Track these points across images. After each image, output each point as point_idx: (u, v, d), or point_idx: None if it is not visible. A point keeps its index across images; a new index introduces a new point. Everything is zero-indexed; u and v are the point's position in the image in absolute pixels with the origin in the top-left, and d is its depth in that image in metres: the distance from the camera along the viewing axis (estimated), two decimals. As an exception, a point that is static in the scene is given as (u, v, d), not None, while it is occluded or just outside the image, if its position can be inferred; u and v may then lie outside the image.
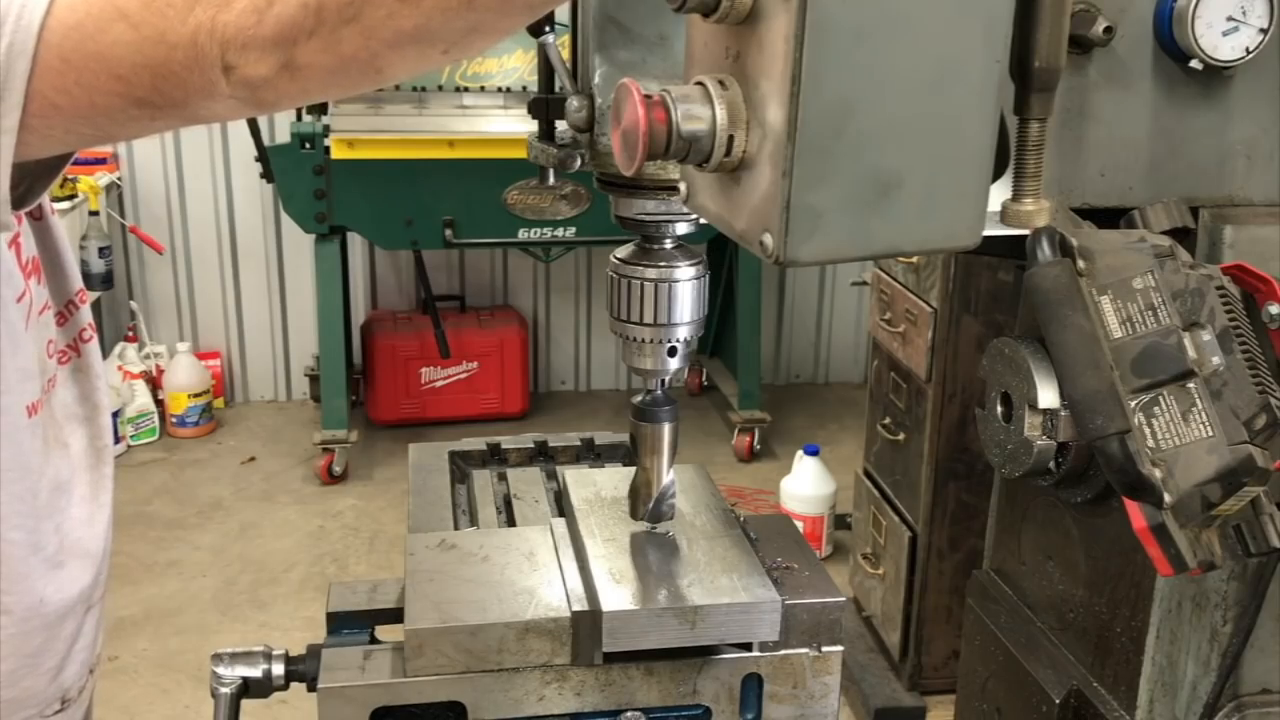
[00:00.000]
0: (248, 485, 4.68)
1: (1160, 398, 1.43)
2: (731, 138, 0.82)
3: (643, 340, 1.22)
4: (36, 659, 1.21)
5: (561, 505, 1.48)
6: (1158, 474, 1.41)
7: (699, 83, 0.84)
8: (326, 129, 4.26)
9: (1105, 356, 1.43)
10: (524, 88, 4.66)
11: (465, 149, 4.26)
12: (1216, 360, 1.46)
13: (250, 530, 4.32)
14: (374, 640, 1.28)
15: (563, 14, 1.09)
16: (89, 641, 1.29)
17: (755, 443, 4.94)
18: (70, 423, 1.27)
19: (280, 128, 4.96)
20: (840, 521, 4.08)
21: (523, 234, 4.49)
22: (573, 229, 4.50)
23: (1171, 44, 1.73)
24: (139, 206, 5.18)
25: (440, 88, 4.65)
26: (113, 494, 1.32)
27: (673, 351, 1.22)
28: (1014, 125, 0.90)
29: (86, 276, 4.68)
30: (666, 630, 1.18)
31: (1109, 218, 1.75)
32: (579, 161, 1.18)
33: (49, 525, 1.20)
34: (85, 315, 1.31)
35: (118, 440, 4.79)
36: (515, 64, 4.67)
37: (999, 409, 1.66)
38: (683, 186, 0.95)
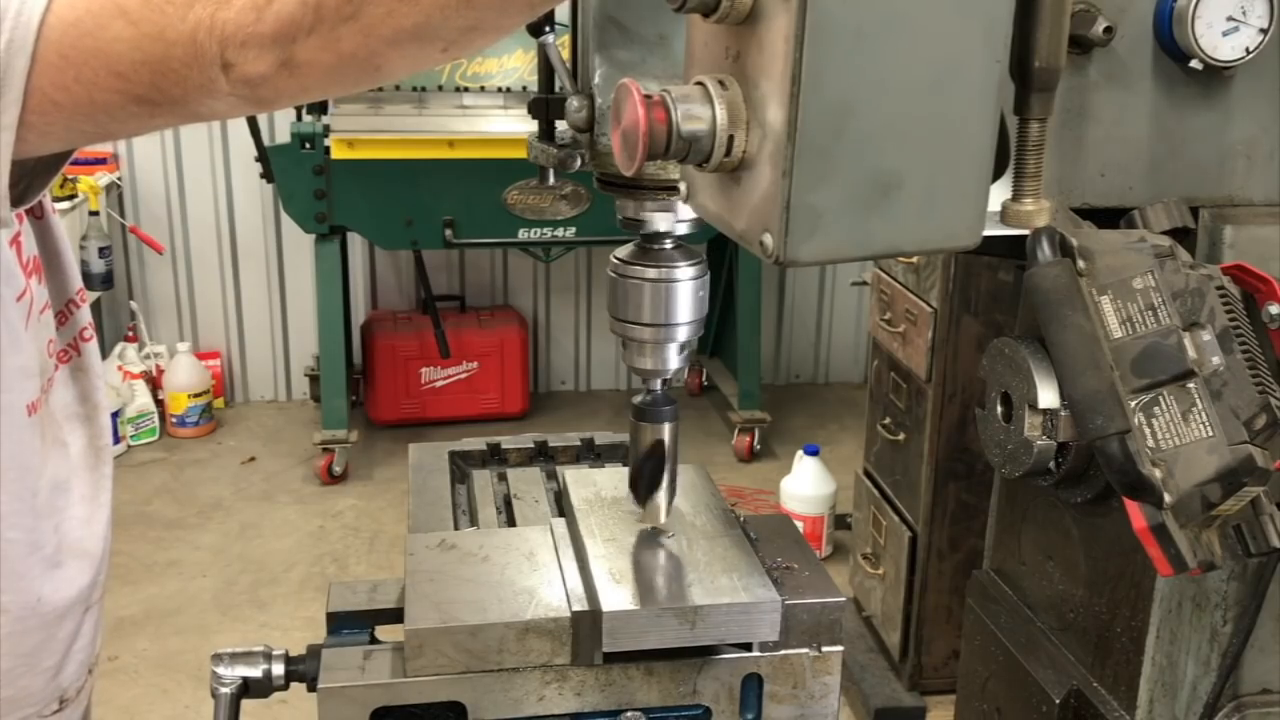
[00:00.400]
0: (248, 485, 4.68)
1: (1160, 398, 1.43)
2: (731, 138, 0.82)
3: (643, 340, 1.22)
4: (34, 658, 1.20)
5: (561, 505, 1.48)
6: (1158, 474, 1.41)
7: (699, 83, 0.84)
8: (326, 129, 4.26)
9: (1105, 356, 1.43)
10: (524, 88, 4.66)
11: (465, 149, 4.26)
12: (1216, 360, 1.46)
13: (250, 530, 4.32)
14: (374, 640, 1.28)
15: (563, 14, 1.09)
16: (88, 641, 1.29)
17: (755, 443, 4.94)
18: (70, 422, 1.27)
19: (280, 128, 4.96)
20: (840, 521, 4.08)
21: (523, 234, 4.49)
22: (573, 229, 4.50)
23: (1171, 44, 1.73)
24: (139, 206, 5.18)
25: (440, 88, 4.66)
26: (112, 494, 1.32)
27: (673, 351, 1.22)
28: (1014, 125, 0.90)
29: (86, 276, 4.68)
30: (666, 630, 1.18)
31: (1109, 218, 1.75)
32: (579, 161, 1.18)
33: (48, 525, 1.20)
34: (85, 315, 1.31)
35: (118, 440, 4.79)
36: (515, 64, 4.67)
37: (999, 409, 1.66)
38: (683, 186, 0.95)
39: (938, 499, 3.09)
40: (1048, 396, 1.56)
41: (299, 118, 4.41)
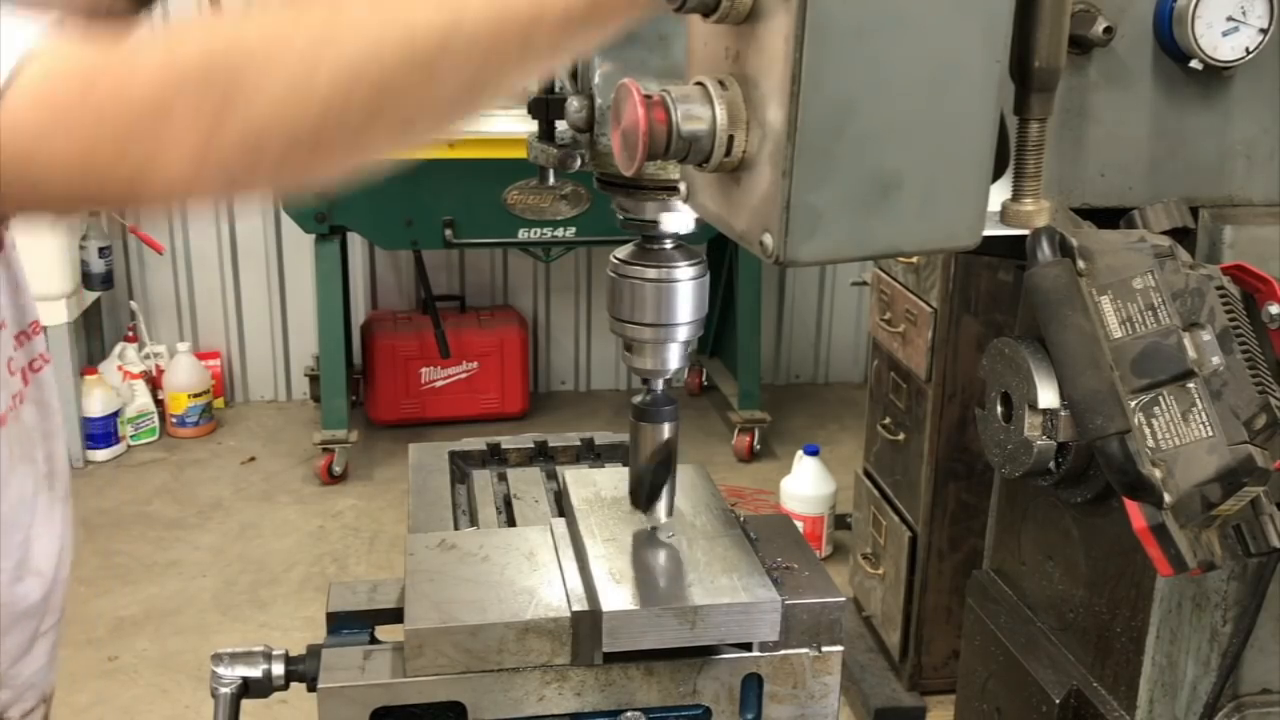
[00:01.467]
0: (248, 485, 4.68)
1: (1160, 398, 1.43)
2: (731, 138, 0.82)
3: (643, 340, 1.22)
4: None
5: (561, 505, 1.48)
6: (1158, 474, 1.41)
7: (699, 83, 0.84)
8: (326, 129, 4.25)
9: (1105, 356, 1.43)
10: (524, 88, 4.65)
11: (465, 149, 4.25)
12: (1216, 360, 1.46)
13: (250, 530, 4.32)
14: (374, 640, 1.28)
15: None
16: (38, 669, 1.26)
17: (755, 443, 4.94)
18: (38, 440, 1.25)
19: (280, 128, 4.95)
20: (840, 521, 4.08)
21: (523, 234, 4.49)
22: (573, 229, 4.50)
23: (1171, 44, 1.73)
24: (139, 206, 5.17)
25: (440, 88, 4.65)
26: (70, 524, 1.29)
27: (672, 351, 1.22)
28: (1014, 125, 0.90)
29: (86, 276, 4.68)
30: (666, 630, 1.18)
31: (1109, 218, 1.75)
32: (579, 161, 1.18)
33: (8, 541, 1.18)
34: (39, 345, 1.27)
35: (118, 441, 4.80)
36: (515, 64, 4.67)
37: (999, 409, 1.66)
38: (683, 186, 0.95)
39: (938, 499, 3.08)
40: (1048, 396, 1.56)
41: (299, 118, 4.40)
